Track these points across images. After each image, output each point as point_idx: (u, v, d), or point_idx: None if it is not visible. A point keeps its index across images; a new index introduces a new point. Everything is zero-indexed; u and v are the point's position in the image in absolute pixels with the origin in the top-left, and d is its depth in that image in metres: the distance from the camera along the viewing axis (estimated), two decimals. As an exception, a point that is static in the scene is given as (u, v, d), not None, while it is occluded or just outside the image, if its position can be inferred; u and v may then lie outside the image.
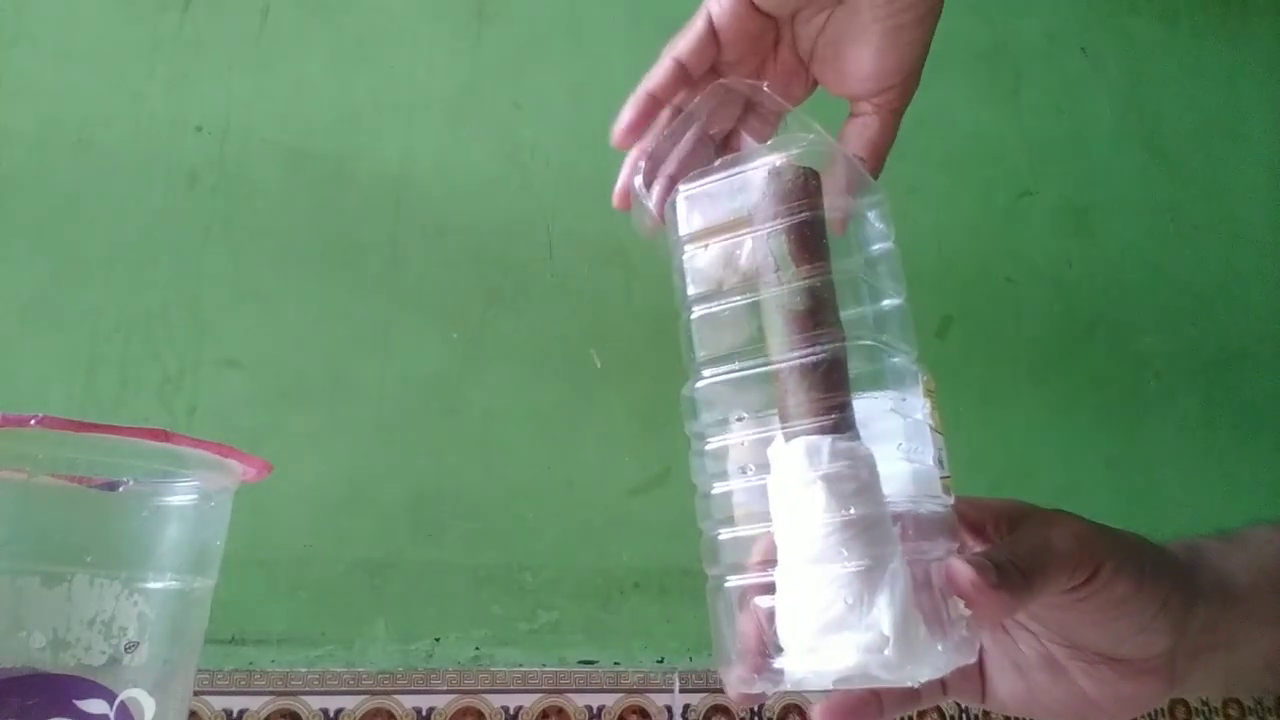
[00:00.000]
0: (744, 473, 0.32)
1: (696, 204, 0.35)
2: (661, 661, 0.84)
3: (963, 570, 0.29)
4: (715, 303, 0.33)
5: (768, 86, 0.38)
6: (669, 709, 0.81)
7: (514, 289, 0.91)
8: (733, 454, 0.32)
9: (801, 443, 0.30)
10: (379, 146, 0.91)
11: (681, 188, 0.35)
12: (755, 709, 0.83)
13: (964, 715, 0.90)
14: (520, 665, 0.79)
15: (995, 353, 1.07)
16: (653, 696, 0.81)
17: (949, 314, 1.06)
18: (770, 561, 0.30)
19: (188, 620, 0.35)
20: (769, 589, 0.30)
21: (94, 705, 0.30)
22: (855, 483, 0.29)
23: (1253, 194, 1.29)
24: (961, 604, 0.29)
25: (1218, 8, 1.38)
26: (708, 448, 0.33)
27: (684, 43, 0.39)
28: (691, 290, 0.34)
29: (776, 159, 0.33)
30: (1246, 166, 1.30)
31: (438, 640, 0.79)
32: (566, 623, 0.83)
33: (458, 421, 0.85)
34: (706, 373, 0.33)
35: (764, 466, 0.31)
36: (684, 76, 0.40)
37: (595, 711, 0.79)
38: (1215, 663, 0.34)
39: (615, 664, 0.82)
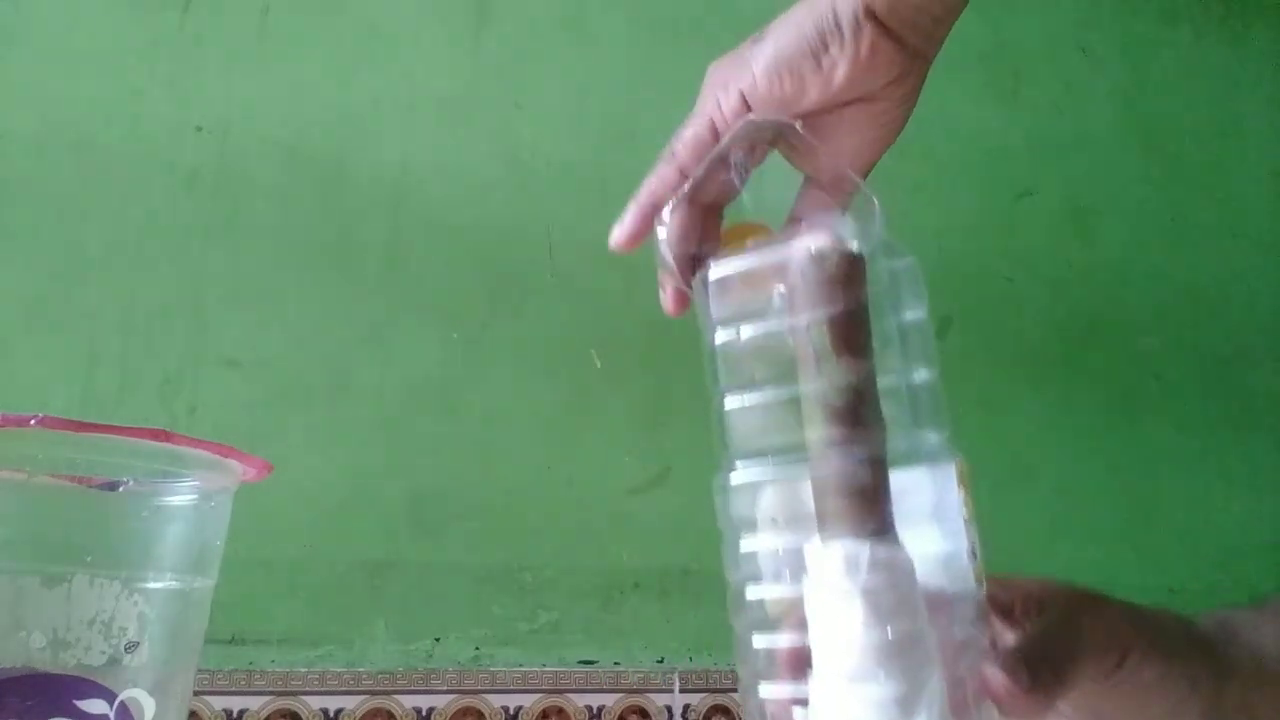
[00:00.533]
0: (778, 578, 0.30)
1: (730, 284, 0.32)
2: (661, 661, 0.84)
3: (997, 677, 0.29)
4: (749, 392, 0.31)
5: (800, 126, 0.38)
6: (669, 709, 0.81)
7: (514, 289, 0.91)
8: (767, 555, 0.31)
9: (839, 550, 0.28)
10: (379, 146, 0.91)
11: (714, 264, 0.33)
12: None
13: None
14: (520, 665, 0.79)
15: (995, 353, 1.07)
16: (653, 696, 0.81)
17: (949, 314, 1.06)
18: (805, 668, 0.29)
19: (188, 620, 0.35)
20: (803, 700, 0.29)
21: (94, 705, 0.30)
22: (894, 595, 0.28)
23: (1253, 194, 1.29)
24: (994, 709, 0.29)
25: (1218, 8, 1.38)
26: (742, 547, 0.31)
27: (687, 152, 0.40)
28: (724, 379, 0.32)
29: (817, 240, 0.31)
30: (1246, 166, 1.30)
31: (438, 640, 0.79)
32: (566, 623, 0.83)
33: (458, 421, 0.85)
34: (740, 465, 0.31)
35: (800, 568, 0.29)
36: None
37: (595, 711, 0.79)
38: None
39: (615, 664, 0.82)
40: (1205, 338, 1.18)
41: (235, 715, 0.71)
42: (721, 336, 0.32)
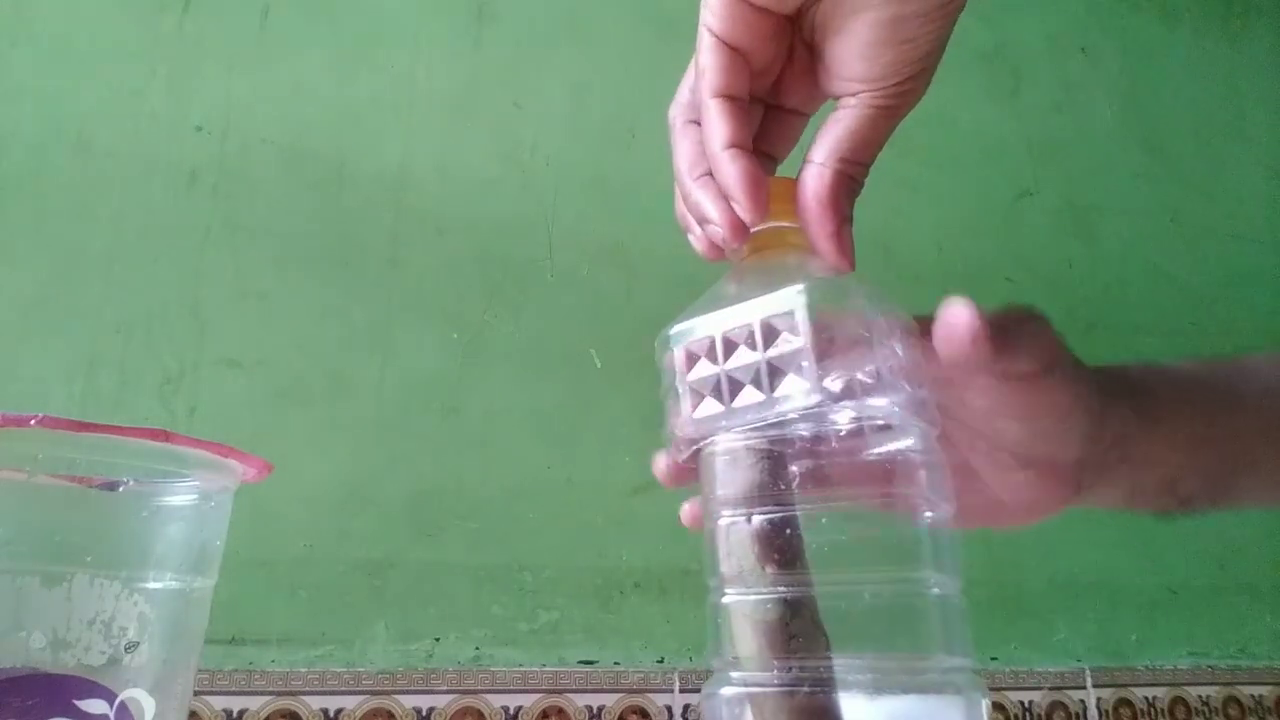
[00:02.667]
0: None
1: (740, 459, 0.29)
2: (661, 661, 0.84)
3: (964, 315, 0.29)
4: (755, 589, 0.28)
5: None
6: (669, 709, 0.81)
7: (514, 289, 0.91)
8: None
9: None
10: (379, 146, 0.91)
11: (721, 437, 0.29)
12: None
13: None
14: (520, 665, 0.79)
15: (995, 353, 1.07)
16: (653, 696, 0.81)
17: (949, 314, 1.06)
18: None
19: (188, 620, 0.35)
20: None
21: (94, 705, 0.30)
22: None
23: (1253, 194, 1.29)
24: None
25: (1218, 8, 1.38)
26: None
27: (714, 75, 0.33)
28: (725, 568, 0.29)
29: (737, 439, 0.28)
30: (1246, 166, 1.30)
31: (438, 640, 0.79)
32: (566, 623, 0.83)
33: (458, 421, 0.85)
34: (735, 676, 0.28)
35: None
36: (742, 110, 0.33)
37: (595, 711, 0.79)
38: (1121, 476, 0.36)
39: (615, 664, 0.82)
40: (1205, 338, 1.18)
41: (235, 715, 0.71)
42: (726, 519, 0.29)
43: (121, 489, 0.33)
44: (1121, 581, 1.03)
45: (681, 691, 0.82)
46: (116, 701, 0.31)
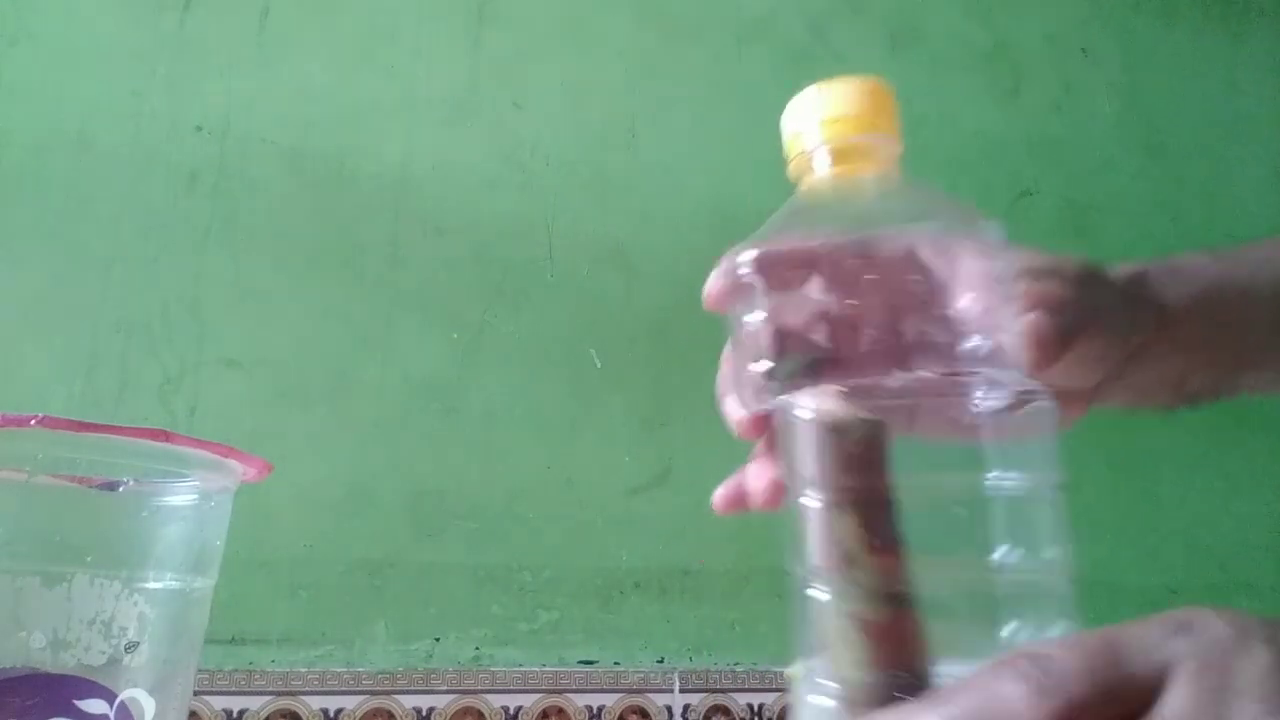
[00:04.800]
0: None
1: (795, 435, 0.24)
2: (661, 661, 0.84)
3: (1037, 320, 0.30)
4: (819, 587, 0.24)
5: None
6: (669, 709, 0.81)
7: (514, 289, 0.91)
8: None
9: None
10: (379, 146, 0.91)
11: (809, 394, 0.25)
12: (756, 708, 0.83)
13: None
14: (520, 665, 0.79)
15: (995, 353, 1.07)
16: (653, 696, 0.81)
17: (949, 314, 1.06)
18: None
19: (188, 620, 0.35)
20: None
21: (94, 705, 0.30)
22: None
23: (1253, 194, 1.29)
24: None
25: (1218, 7, 1.38)
26: None
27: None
28: (815, 557, 0.24)
29: (827, 404, 0.24)
30: (1246, 166, 1.30)
31: (438, 640, 0.79)
32: (566, 623, 0.83)
33: (458, 421, 0.85)
34: (831, 684, 0.24)
35: None
36: None
37: (595, 711, 0.79)
38: (1131, 378, 0.37)
39: (615, 664, 0.82)
40: (1205, 338, 1.18)
41: (235, 715, 0.71)
42: (822, 497, 0.24)
43: (121, 489, 0.33)
44: (1121, 581, 1.03)
45: (681, 691, 0.82)
46: (116, 701, 0.31)
